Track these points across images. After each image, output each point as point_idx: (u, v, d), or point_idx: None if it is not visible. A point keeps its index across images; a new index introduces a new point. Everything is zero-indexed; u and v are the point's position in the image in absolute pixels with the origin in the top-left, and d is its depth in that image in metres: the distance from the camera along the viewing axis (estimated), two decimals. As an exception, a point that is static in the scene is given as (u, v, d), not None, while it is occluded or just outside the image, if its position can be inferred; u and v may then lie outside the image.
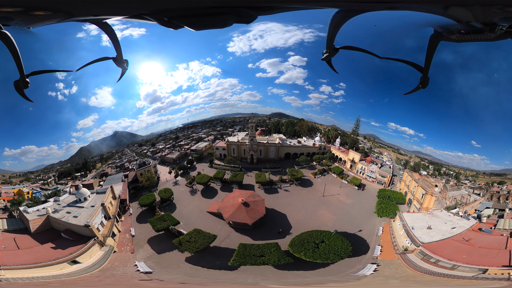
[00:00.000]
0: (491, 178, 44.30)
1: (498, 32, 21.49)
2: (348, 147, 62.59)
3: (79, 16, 18.66)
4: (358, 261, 33.60)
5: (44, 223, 38.86)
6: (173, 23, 17.65)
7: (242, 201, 39.91)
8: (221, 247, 35.33)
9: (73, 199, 43.40)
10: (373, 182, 55.29)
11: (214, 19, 17.29)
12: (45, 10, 18.07)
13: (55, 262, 32.14)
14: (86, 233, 36.96)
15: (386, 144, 59.41)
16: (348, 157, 60.95)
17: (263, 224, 40.37)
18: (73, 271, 31.85)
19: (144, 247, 37.19)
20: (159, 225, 38.90)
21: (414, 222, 39.71)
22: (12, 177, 50.53)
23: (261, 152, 61.92)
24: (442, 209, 43.60)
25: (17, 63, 20.94)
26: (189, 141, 69.47)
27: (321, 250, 32.47)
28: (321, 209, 44.47)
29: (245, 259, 30.96)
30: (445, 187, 45.83)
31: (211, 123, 73.41)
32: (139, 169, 54.38)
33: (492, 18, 20.29)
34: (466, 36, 23.84)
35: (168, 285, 30.51)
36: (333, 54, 31.35)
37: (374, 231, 40.24)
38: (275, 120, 72.77)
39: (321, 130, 68.00)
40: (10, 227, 38.15)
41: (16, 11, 17.24)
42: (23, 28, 20.79)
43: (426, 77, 33.84)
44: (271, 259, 31.03)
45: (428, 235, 37.06)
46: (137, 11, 16.59)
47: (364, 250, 36.04)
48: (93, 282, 30.42)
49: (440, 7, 18.55)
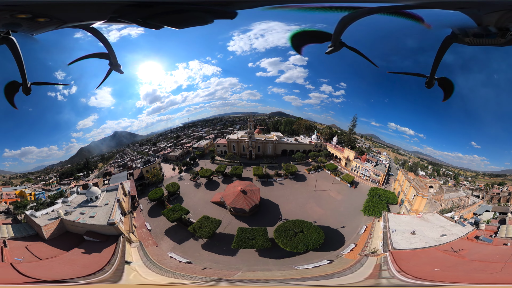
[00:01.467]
0: (491, 179, 43.60)
1: (508, 37, 21.39)
2: (345, 145, 62.58)
3: (69, 22, 18.74)
4: (322, 256, 33.94)
5: (59, 227, 36.12)
6: (150, 24, 17.34)
7: (241, 189, 43.94)
8: (224, 233, 38.66)
9: (83, 199, 42.01)
10: (367, 180, 55.18)
11: (190, 16, 16.89)
12: (46, 17, 18.06)
13: (110, 267, 28.50)
14: (111, 231, 35.40)
15: (386, 144, 58.70)
16: (343, 155, 61.27)
17: (258, 212, 43.63)
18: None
19: (164, 239, 38.33)
20: (173, 215, 40.50)
21: (398, 225, 36.93)
22: (13, 178, 49.68)
23: (259, 148, 63.74)
24: (435, 213, 40.41)
25: (20, 69, 20.63)
26: (190, 139, 70.10)
27: (296, 239, 34.38)
28: (311, 203, 46.32)
29: (242, 242, 34.38)
30: (441, 189, 44.15)
31: (211, 122, 73.20)
32: (145, 166, 54.82)
33: (507, 24, 20.08)
34: (479, 39, 23.64)
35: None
36: (338, 48, 31.16)
37: (357, 229, 39.79)
38: (274, 119, 72.43)
39: (318, 128, 68.46)
40: (18, 234, 34.59)
41: (26, 17, 17.27)
42: (27, 34, 20.65)
43: (432, 77, 33.61)
44: (258, 242, 34.20)
45: (407, 241, 33.34)
46: (109, 14, 16.39)
47: (337, 247, 35.96)
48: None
49: (476, 8, 18.33)
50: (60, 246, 33.59)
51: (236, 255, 34.44)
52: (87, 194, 42.16)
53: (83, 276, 25.92)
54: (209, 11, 17.89)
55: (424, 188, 43.10)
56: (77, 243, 34.36)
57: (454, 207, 40.99)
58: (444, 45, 23.29)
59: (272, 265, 32.17)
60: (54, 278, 25.21)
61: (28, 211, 37.29)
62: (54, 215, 37.10)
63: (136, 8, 17.04)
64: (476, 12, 19.91)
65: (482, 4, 19.28)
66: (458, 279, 24.33)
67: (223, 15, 18.88)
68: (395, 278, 26.47)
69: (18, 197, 43.66)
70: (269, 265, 32.17)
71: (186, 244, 37.33)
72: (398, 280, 26.18)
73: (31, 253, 31.07)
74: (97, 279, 25.85)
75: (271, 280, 27.58)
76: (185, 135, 71.25)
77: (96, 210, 38.93)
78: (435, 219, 38.88)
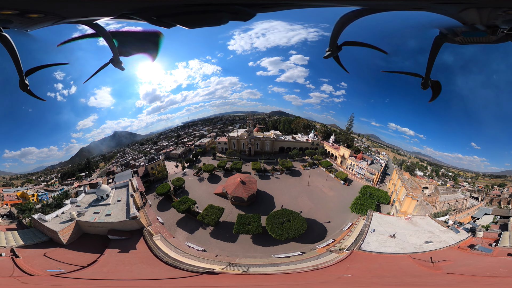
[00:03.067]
0: (491, 180, 42.94)
1: (499, 34, 21.14)
2: (342, 144, 62.59)
3: (70, 18, 18.27)
4: (299, 247, 35.30)
5: (75, 230, 33.42)
6: (163, 22, 16.97)
7: (240, 180, 46.46)
8: (227, 221, 40.76)
9: (93, 198, 40.52)
10: (361, 178, 54.32)
11: (207, 16, 16.58)
12: (39, 12, 17.52)
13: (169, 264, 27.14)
14: (133, 226, 34.80)
15: (386, 144, 58.42)
16: (338, 153, 60.78)
17: (255, 202, 46.04)
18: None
19: (178, 230, 39.75)
20: (182, 206, 42.14)
21: (381, 225, 34.31)
22: (13, 179, 48.88)
23: (258, 146, 65.36)
24: (426, 216, 36.77)
25: (16, 65, 20.15)
26: (191, 138, 70.33)
27: (282, 227, 36.37)
28: (303, 196, 47.73)
29: (240, 227, 36.78)
30: (437, 190, 42.07)
31: (211, 121, 73.31)
32: (150, 163, 55.52)
33: (495, 21, 19.93)
34: (469, 38, 23.49)
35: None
36: (335, 52, 30.65)
37: (341, 226, 39.77)
38: (274, 118, 72.62)
39: (315, 127, 68.84)
40: (28, 241, 30.53)
41: (14, 13, 16.63)
42: (21, 31, 20.30)
43: (427, 78, 33.43)
44: (252, 228, 36.68)
45: (382, 243, 30.36)
46: (122, 10, 16.03)
47: (317, 240, 36.67)
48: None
49: (453, 8, 18.04)
50: (83, 249, 31.19)
51: (236, 242, 37.14)
52: (97, 192, 40.60)
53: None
54: (228, 10, 17.39)
55: (417, 189, 40.59)
56: (102, 244, 32.30)
57: (450, 210, 37.99)
58: (436, 45, 22.94)
59: (260, 252, 34.79)
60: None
61: (36, 215, 34.12)
62: (66, 218, 34.65)
63: (153, 6, 16.62)
64: (453, 11, 19.51)
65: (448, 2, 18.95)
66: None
67: (240, 17, 18.34)
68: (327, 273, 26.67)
69: (20, 199, 41.81)
70: (257, 252, 34.75)
71: (197, 233, 39.48)
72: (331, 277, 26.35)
73: (56, 261, 28.09)
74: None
75: (253, 265, 30.40)
76: (186, 134, 71.29)
77: (110, 208, 37.53)
78: (425, 223, 35.52)
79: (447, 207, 38.00)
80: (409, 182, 42.31)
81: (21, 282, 22.09)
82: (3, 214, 37.66)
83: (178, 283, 24.47)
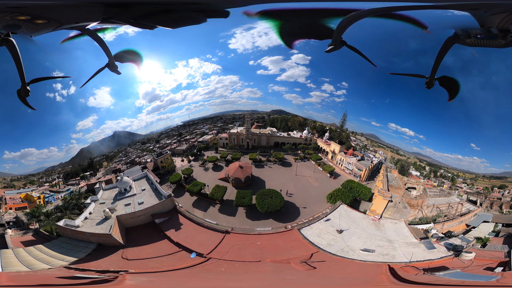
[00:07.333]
0: (491, 181, 41.82)
1: (508, 39, 20.68)
2: (336, 141, 64.12)
3: (65, 24, 18.64)
4: (273, 224, 43.04)
5: (120, 227, 32.47)
6: (143, 24, 17.33)
7: (239, 165, 56.80)
8: (229, 199, 49.97)
9: (115, 193, 42.93)
10: (349, 174, 55.75)
11: (182, 15, 16.79)
12: (43, 18, 17.57)
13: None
14: (169, 206, 39.00)
15: (386, 144, 56.90)
16: (329, 148, 63.41)
17: (250, 184, 55.54)
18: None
19: (195, 210, 47.43)
20: (195, 188, 50.75)
21: (337, 219, 30.42)
22: (14, 180, 47.71)
23: (255, 140, 72.22)
24: (401, 221, 30.54)
25: (19, 71, 20.18)
26: (194, 135, 74.33)
27: (265, 202, 44.90)
28: (289, 183, 54.71)
29: (238, 200, 46.09)
30: (425, 192, 37.45)
31: (212, 120, 74.58)
32: (159, 158, 61.29)
33: (509, 26, 19.51)
34: (480, 41, 22.89)
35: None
36: (338, 47, 30.12)
37: (313, 212, 44.23)
38: (274, 117, 74.76)
39: (310, 124, 71.41)
40: (74, 255, 25.17)
41: (26, 19, 16.83)
42: (26, 36, 20.61)
43: (433, 78, 32.98)
44: (245, 201, 45.85)
45: (318, 235, 26.86)
46: (103, 15, 16.27)
47: (290, 220, 43.31)
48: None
49: (484, 9, 17.69)
50: (145, 242, 31.09)
51: (235, 216, 46.14)
52: (120, 185, 42.87)
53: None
54: (200, 10, 17.26)
55: (399, 188, 36.35)
56: (153, 230, 34.03)
57: (440, 216, 31.42)
58: (446, 45, 22.41)
59: (249, 225, 43.50)
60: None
61: (61, 222, 30.44)
62: (98, 218, 33.35)
63: (126, 9, 16.28)
64: (482, 13, 19.25)
65: (490, 6, 18.74)
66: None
67: (216, 14, 18.34)
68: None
69: (24, 201, 40.00)
70: (248, 225, 43.51)
71: (209, 211, 47.82)
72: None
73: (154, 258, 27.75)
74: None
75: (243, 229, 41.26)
76: (188, 132, 73.72)
77: (139, 196, 40.16)
78: (393, 229, 28.73)
79: (437, 212, 31.93)
80: (395, 181, 40.65)
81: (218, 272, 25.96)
82: (9, 221, 33.14)
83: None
